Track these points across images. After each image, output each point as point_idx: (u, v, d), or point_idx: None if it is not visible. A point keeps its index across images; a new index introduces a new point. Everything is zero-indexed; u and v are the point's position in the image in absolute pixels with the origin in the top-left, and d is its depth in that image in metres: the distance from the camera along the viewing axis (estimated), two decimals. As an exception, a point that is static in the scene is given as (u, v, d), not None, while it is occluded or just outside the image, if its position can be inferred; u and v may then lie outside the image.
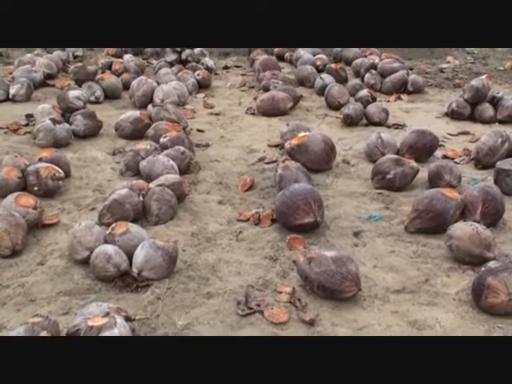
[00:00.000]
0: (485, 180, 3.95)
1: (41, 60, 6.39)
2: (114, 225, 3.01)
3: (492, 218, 3.33)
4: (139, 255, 2.81)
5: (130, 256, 2.85)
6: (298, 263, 2.80)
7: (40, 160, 3.83)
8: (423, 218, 3.28)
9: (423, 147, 4.33)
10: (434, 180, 3.82)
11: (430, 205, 3.29)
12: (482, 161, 4.25)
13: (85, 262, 2.88)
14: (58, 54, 6.96)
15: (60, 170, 3.72)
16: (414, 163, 3.90)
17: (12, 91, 5.59)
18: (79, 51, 7.48)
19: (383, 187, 3.86)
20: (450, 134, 5.04)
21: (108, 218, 3.25)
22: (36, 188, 3.60)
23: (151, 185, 3.52)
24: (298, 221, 3.21)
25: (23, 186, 3.63)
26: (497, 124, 5.31)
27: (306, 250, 3.06)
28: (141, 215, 3.38)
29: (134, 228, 3.02)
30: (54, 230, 3.29)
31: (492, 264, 2.68)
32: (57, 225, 3.34)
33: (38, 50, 7.29)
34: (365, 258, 3.06)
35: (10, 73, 6.36)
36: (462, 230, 2.99)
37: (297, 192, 3.26)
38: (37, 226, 3.26)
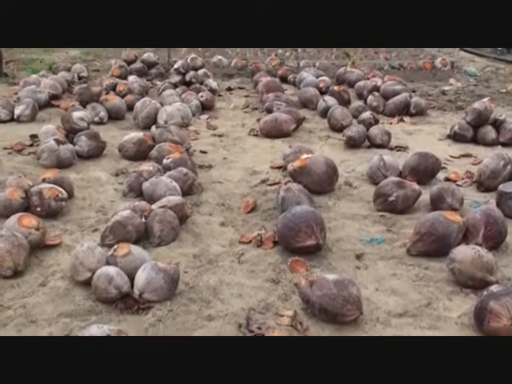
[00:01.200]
0: (487, 203, 3.94)
1: (46, 81, 6.45)
2: (115, 246, 3.02)
3: (494, 242, 3.32)
4: (141, 277, 2.81)
5: (131, 278, 2.85)
6: (299, 286, 2.79)
7: (43, 181, 3.84)
8: (425, 241, 3.28)
9: (425, 170, 4.34)
10: (436, 203, 3.82)
11: (432, 228, 3.29)
12: (485, 184, 4.25)
13: (86, 284, 2.88)
14: (62, 74, 7.02)
15: (63, 191, 3.73)
16: (416, 186, 3.91)
17: (17, 112, 5.64)
18: (84, 72, 7.53)
19: (385, 210, 3.86)
20: (452, 157, 5.05)
21: (110, 240, 3.26)
22: (39, 209, 3.61)
23: (154, 206, 3.53)
24: (299, 243, 3.21)
25: (26, 207, 3.64)
26: (499, 147, 5.31)
27: (308, 273, 3.05)
28: (143, 236, 3.39)
29: (136, 250, 3.02)
30: (56, 250, 3.30)
31: (494, 288, 2.67)
32: (59, 246, 3.34)
33: (43, 71, 7.36)
34: (367, 280, 3.06)
35: (16, 93, 6.41)
36: (464, 253, 2.98)
37: (299, 214, 3.26)
38: (39, 247, 3.27)
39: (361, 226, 3.69)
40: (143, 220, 3.39)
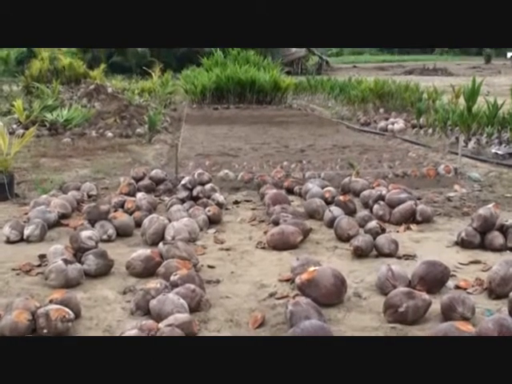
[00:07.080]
0: (499, 311, 3.89)
1: (56, 200, 6.56)
2: (122, 368, 2.96)
3: (509, 352, 3.24)
4: (147, 401, 2.74)
5: (138, 401, 2.78)
6: (310, 406, 2.71)
7: (51, 302, 3.84)
8: (438, 354, 3.20)
9: (435, 278, 4.31)
10: (447, 312, 3.77)
11: (445, 339, 3.22)
12: (495, 291, 4.20)
13: (92, 409, 2.81)
14: (72, 193, 7.15)
15: (70, 312, 3.71)
16: (426, 296, 3.87)
17: (26, 232, 5.70)
18: (93, 190, 7.66)
19: (396, 321, 3.80)
20: (461, 264, 5.01)
21: (117, 361, 3.20)
22: (45, 331, 3.59)
23: (161, 325, 3.49)
24: (309, 359, 3.14)
25: (33, 329, 3.61)
26: (508, 252, 5.29)
27: (319, 391, 2.97)
28: (150, 357, 3.34)
29: (143, 371, 2.96)
30: (61, 374, 3.23)
31: (512, 402, 2.58)
32: (65, 369, 3.28)
33: (53, 191, 7.50)
34: (380, 397, 2.96)
35: (26, 213, 6.51)
36: (478, 365, 2.90)
37: (307, 330, 3.22)
38: (44, 371, 3.21)
39: (372, 339, 3.62)
40: (150, 340, 3.35)
